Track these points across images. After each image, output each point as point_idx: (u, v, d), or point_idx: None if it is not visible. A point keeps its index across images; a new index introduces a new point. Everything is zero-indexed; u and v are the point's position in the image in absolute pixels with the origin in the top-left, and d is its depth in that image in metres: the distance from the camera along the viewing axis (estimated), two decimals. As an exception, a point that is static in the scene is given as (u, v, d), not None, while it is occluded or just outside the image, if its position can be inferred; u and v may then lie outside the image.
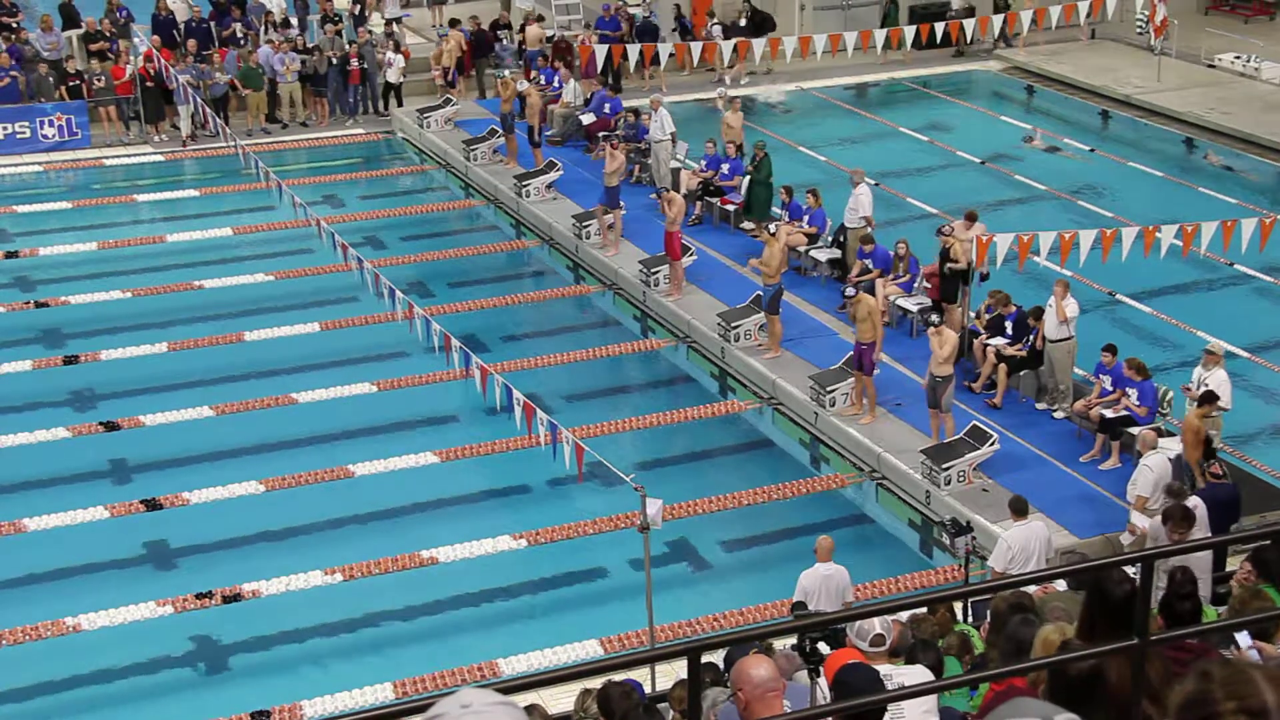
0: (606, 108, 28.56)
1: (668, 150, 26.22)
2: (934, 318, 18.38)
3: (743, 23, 33.43)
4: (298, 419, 19.81)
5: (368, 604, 16.07)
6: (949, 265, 20.06)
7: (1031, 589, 10.64)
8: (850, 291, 19.79)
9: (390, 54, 31.26)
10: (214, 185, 28.25)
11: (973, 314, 20.00)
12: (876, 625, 7.99)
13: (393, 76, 31.25)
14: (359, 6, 33.41)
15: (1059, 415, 18.74)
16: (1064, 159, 29.41)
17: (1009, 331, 19.28)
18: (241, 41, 30.98)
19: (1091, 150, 29.88)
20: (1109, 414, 17.64)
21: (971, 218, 20.99)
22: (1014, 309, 19.38)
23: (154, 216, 27.20)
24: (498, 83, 28.96)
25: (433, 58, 31.87)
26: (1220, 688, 3.30)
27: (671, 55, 31.37)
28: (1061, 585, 11.16)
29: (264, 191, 26.08)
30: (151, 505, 17.55)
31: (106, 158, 29.44)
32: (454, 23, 32.49)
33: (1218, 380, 16.64)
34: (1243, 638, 8.22)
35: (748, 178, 24.73)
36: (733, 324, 20.95)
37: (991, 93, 34.24)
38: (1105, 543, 15.88)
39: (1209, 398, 16.36)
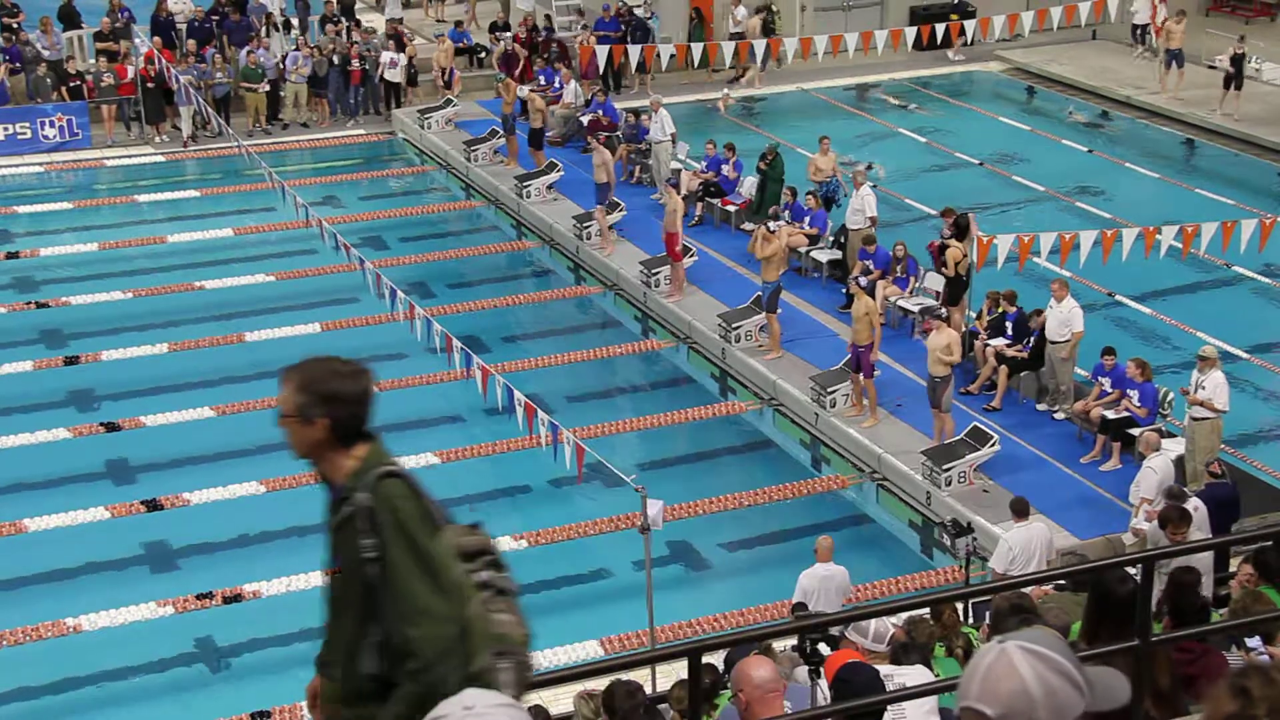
0: (600, 111, 28.61)
1: (668, 151, 26.22)
2: (943, 312, 18.39)
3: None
4: (298, 420, 19.76)
5: (368, 604, 16.03)
6: (943, 271, 20.13)
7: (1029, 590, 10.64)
8: (863, 281, 19.76)
9: (390, 54, 31.23)
10: (215, 186, 28.26)
11: (973, 314, 19.99)
12: (890, 624, 8.03)
13: (392, 76, 31.24)
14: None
15: (1060, 416, 18.74)
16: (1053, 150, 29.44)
17: (1009, 332, 19.27)
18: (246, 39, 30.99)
19: (1090, 151, 29.89)
20: (1110, 415, 17.64)
21: (948, 214, 21.07)
22: (1014, 309, 19.37)
23: (155, 217, 27.16)
24: (498, 84, 28.98)
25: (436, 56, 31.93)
26: (1263, 705, 3.11)
27: (673, 56, 31.37)
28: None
29: (265, 192, 26.08)
30: (152, 506, 17.55)
31: (107, 158, 29.42)
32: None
33: (1214, 383, 16.61)
34: (1253, 642, 8.22)
35: (760, 177, 24.77)
36: (733, 325, 20.95)
37: (992, 93, 34.24)
38: (1106, 544, 15.88)
39: None
